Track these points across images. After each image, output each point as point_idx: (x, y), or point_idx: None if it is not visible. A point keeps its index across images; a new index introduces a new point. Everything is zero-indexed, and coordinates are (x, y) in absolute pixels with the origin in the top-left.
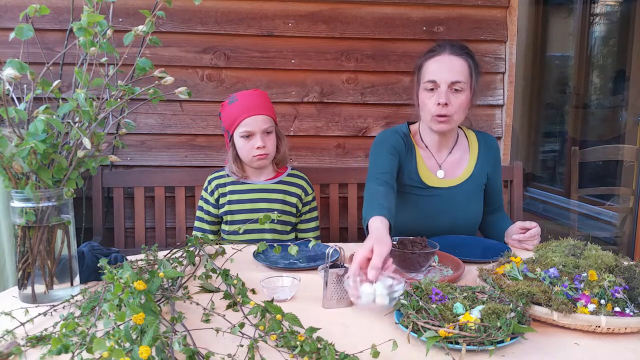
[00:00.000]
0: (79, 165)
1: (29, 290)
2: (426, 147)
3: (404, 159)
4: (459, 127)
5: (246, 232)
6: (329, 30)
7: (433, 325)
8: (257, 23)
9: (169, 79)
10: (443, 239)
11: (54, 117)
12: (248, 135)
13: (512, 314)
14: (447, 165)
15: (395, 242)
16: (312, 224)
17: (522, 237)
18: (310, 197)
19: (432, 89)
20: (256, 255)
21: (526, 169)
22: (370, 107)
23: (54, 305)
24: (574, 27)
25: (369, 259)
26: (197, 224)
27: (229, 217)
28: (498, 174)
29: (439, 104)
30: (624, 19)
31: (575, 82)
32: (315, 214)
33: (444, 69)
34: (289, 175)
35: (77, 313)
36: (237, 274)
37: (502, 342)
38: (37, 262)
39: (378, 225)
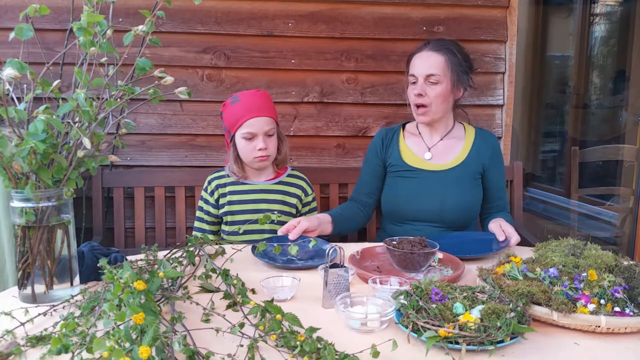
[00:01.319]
0: (78, 165)
1: (28, 290)
2: (419, 133)
3: (385, 154)
4: (459, 122)
5: (246, 232)
6: (329, 30)
7: (433, 325)
8: (257, 23)
9: (169, 79)
10: (442, 238)
11: (54, 117)
12: (250, 137)
13: (512, 314)
14: (437, 149)
15: (395, 242)
16: None
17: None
18: (310, 198)
19: (413, 83)
20: (255, 252)
21: (526, 169)
22: (370, 107)
23: (53, 305)
24: (574, 27)
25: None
26: (196, 224)
27: (229, 218)
28: (497, 171)
29: (415, 94)
30: (624, 19)
31: (575, 82)
32: (315, 214)
33: (422, 64)
34: (289, 175)
35: (77, 313)
36: (237, 274)
37: (502, 342)
38: (37, 262)
39: (320, 214)
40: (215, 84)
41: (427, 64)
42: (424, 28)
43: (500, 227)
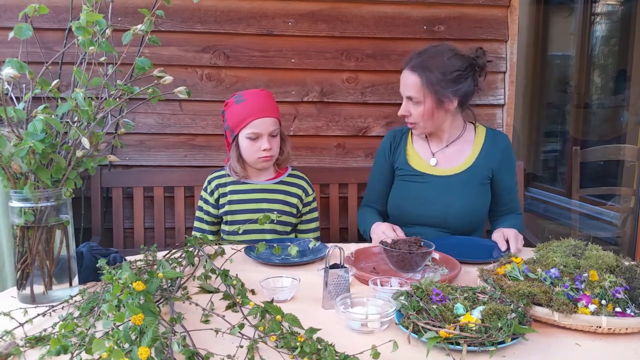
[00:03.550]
0: (77, 165)
1: (27, 290)
2: (426, 137)
3: (393, 157)
4: (470, 122)
5: (246, 232)
6: (329, 30)
7: (434, 326)
8: (257, 22)
9: (168, 79)
10: (443, 239)
11: (53, 116)
12: (255, 137)
13: (513, 315)
14: (442, 155)
15: (390, 243)
16: (312, 225)
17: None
18: (310, 198)
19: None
20: (248, 252)
21: (527, 169)
22: (371, 107)
23: (52, 306)
24: (575, 26)
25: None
26: (196, 224)
27: (229, 217)
28: (508, 173)
29: (400, 115)
30: (625, 18)
31: (576, 81)
32: (315, 214)
33: (402, 83)
34: (290, 175)
35: (76, 314)
36: (237, 275)
37: (503, 342)
38: (36, 263)
39: (380, 223)
40: (215, 83)
41: (405, 84)
42: (425, 27)
43: (502, 236)
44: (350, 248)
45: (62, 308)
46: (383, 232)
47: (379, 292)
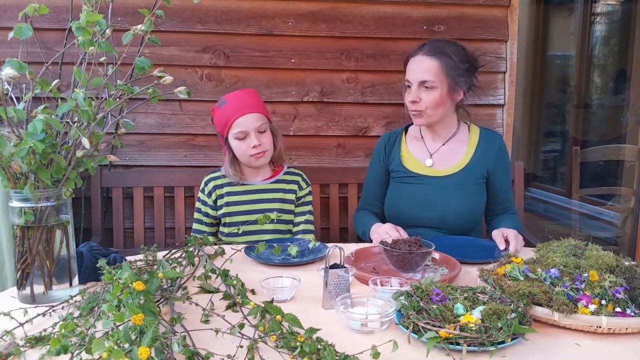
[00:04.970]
0: (77, 165)
1: (27, 290)
2: (422, 137)
3: (388, 159)
4: (464, 122)
5: (246, 233)
6: (329, 30)
7: (434, 326)
8: (257, 22)
9: (168, 79)
10: (442, 239)
11: (53, 116)
12: (243, 136)
13: (513, 315)
14: (438, 155)
15: (390, 243)
16: (302, 218)
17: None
18: (303, 192)
19: (408, 86)
20: (248, 252)
21: (527, 169)
22: (371, 107)
23: (52, 306)
24: (575, 26)
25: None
26: (195, 226)
27: (227, 219)
28: (503, 173)
29: (409, 101)
30: (625, 18)
31: (576, 81)
32: (307, 208)
33: (416, 69)
34: (286, 173)
35: (76, 314)
36: (237, 275)
37: (503, 342)
38: (36, 263)
39: (381, 224)
40: (215, 83)
41: (421, 69)
42: (425, 27)
43: (502, 235)
44: (350, 248)
45: (62, 308)
46: (387, 232)
47: (379, 292)
